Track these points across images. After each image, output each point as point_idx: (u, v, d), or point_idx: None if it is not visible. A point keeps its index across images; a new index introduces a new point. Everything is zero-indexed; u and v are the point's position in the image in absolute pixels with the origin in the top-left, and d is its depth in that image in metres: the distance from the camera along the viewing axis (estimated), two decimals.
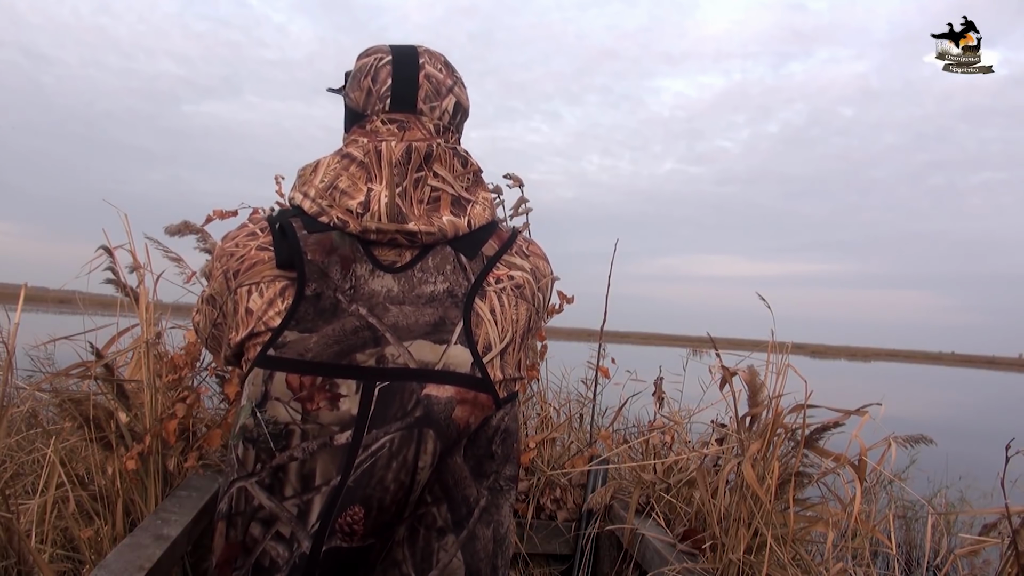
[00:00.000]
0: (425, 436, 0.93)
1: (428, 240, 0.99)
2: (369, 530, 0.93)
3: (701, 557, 1.98)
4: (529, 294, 1.04)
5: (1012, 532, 1.83)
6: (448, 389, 0.95)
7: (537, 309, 1.05)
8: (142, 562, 1.54)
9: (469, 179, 1.05)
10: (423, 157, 1.00)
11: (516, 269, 1.04)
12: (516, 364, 1.02)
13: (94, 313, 2.57)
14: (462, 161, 1.04)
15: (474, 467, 1.00)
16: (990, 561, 2.17)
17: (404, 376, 0.94)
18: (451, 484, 0.98)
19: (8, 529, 1.75)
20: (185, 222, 2.46)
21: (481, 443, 1.00)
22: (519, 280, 1.03)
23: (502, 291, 1.01)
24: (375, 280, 0.98)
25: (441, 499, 0.97)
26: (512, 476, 1.05)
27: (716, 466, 2.25)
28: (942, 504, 4.03)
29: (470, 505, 0.99)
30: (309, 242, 0.99)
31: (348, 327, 0.95)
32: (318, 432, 0.94)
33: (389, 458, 0.92)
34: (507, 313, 1.00)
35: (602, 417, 3.05)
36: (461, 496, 0.98)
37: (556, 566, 2.49)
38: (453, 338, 0.96)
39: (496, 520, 1.03)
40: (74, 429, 2.19)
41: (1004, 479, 1.77)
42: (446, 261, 0.99)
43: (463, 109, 1.12)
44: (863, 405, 1.99)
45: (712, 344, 2.43)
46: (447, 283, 0.98)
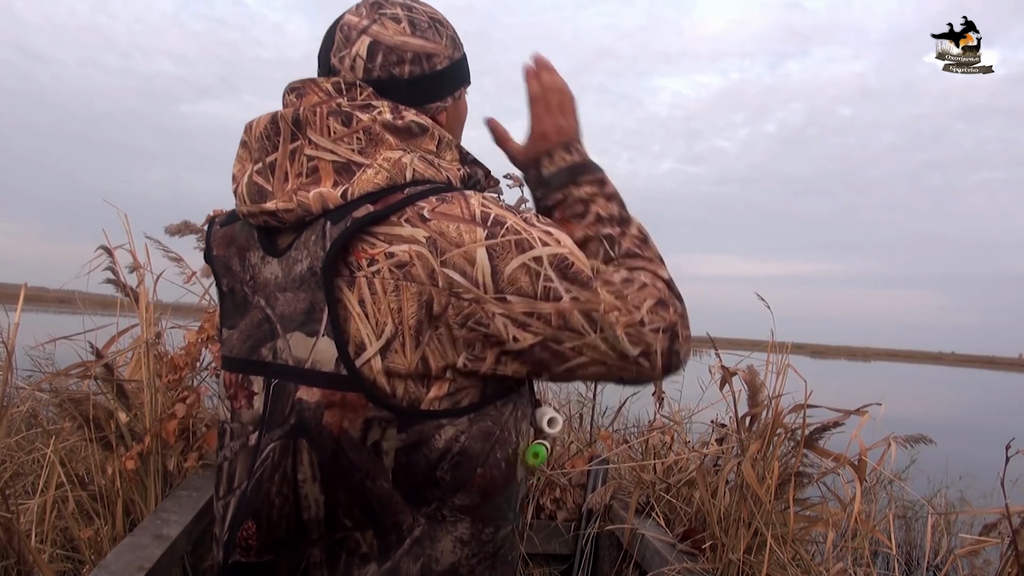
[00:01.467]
0: (300, 447, 0.83)
1: (290, 218, 0.84)
2: (263, 546, 0.87)
3: (701, 557, 1.97)
4: (423, 272, 0.79)
5: (1012, 532, 1.83)
6: (316, 392, 0.82)
7: (451, 289, 0.80)
8: (142, 562, 1.54)
9: (360, 139, 0.85)
10: (292, 124, 0.86)
11: (400, 242, 0.80)
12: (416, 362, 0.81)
13: (94, 313, 2.57)
14: (343, 119, 0.85)
15: (408, 493, 0.85)
16: (990, 561, 2.17)
17: (285, 374, 0.85)
18: (377, 509, 0.85)
19: (8, 529, 1.74)
20: (185, 222, 2.46)
21: (419, 467, 0.84)
22: (402, 257, 0.79)
23: (375, 274, 0.80)
24: (266, 267, 0.89)
25: (365, 524, 0.85)
26: (465, 507, 0.88)
27: (716, 466, 2.25)
28: (942, 504, 4.04)
29: (401, 533, 0.86)
30: (217, 237, 0.97)
31: (255, 320, 0.90)
32: (240, 431, 0.90)
33: (272, 470, 0.85)
34: (381, 303, 0.80)
35: (602, 417, 3.05)
36: (391, 522, 0.85)
37: (556, 566, 2.49)
38: (321, 328, 0.82)
39: (429, 555, 0.87)
40: (74, 429, 2.19)
41: (1004, 479, 1.77)
42: (313, 232, 0.83)
43: (387, 47, 0.91)
44: (863, 405, 1.99)
45: (712, 344, 2.43)
46: (309, 258, 0.83)
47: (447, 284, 0.80)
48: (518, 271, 0.80)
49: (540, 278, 0.81)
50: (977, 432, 6.86)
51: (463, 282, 0.80)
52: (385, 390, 0.81)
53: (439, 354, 0.82)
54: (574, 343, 0.82)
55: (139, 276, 2.43)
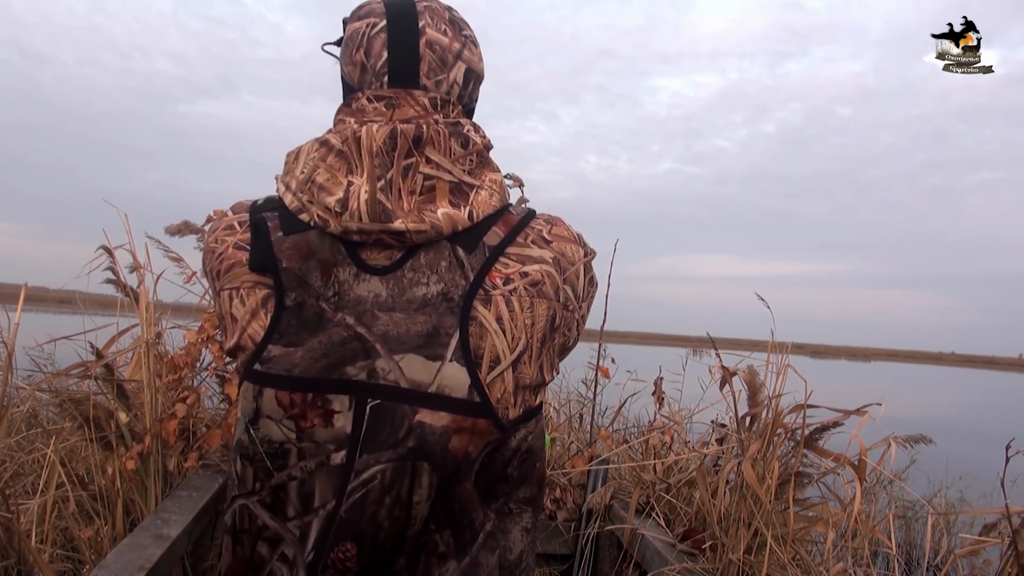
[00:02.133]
0: (420, 470, 0.83)
1: (419, 239, 0.84)
2: (363, 567, 0.86)
3: (701, 557, 1.98)
4: (551, 290, 0.87)
5: (1012, 532, 1.83)
6: (443, 416, 0.83)
7: (566, 304, 0.90)
8: (142, 562, 1.54)
9: (472, 161, 0.87)
10: (412, 141, 0.85)
11: (532, 262, 0.86)
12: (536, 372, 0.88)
13: (94, 313, 2.57)
14: (461, 141, 0.87)
15: (484, 490, 0.90)
16: (990, 561, 2.17)
17: (395, 396, 0.84)
18: (457, 510, 0.88)
19: (8, 529, 1.74)
20: (185, 222, 2.46)
21: (496, 467, 0.89)
22: (536, 276, 0.86)
23: (512, 293, 0.84)
24: (361, 284, 0.86)
25: (445, 525, 0.88)
26: (527, 498, 0.94)
27: (716, 466, 2.25)
28: (942, 504, 4.04)
29: (475, 530, 0.89)
30: (284, 247, 0.88)
31: (335, 338, 0.85)
32: (315, 451, 0.86)
33: (382, 492, 0.84)
34: (518, 319, 0.85)
35: (602, 417, 3.05)
36: (466, 521, 0.88)
37: (556, 566, 2.49)
38: (448, 353, 0.83)
39: (503, 546, 0.92)
40: (74, 429, 2.19)
41: (1004, 479, 1.77)
42: (441, 257, 0.84)
43: (476, 75, 0.95)
44: (863, 405, 1.99)
45: (712, 344, 2.43)
46: (441, 283, 0.84)
47: (565, 299, 0.91)
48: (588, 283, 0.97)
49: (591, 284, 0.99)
50: (977, 432, 6.86)
51: (572, 296, 0.93)
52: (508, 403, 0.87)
53: (549, 363, 0.91)
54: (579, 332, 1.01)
55: (139, 276, 2.44)
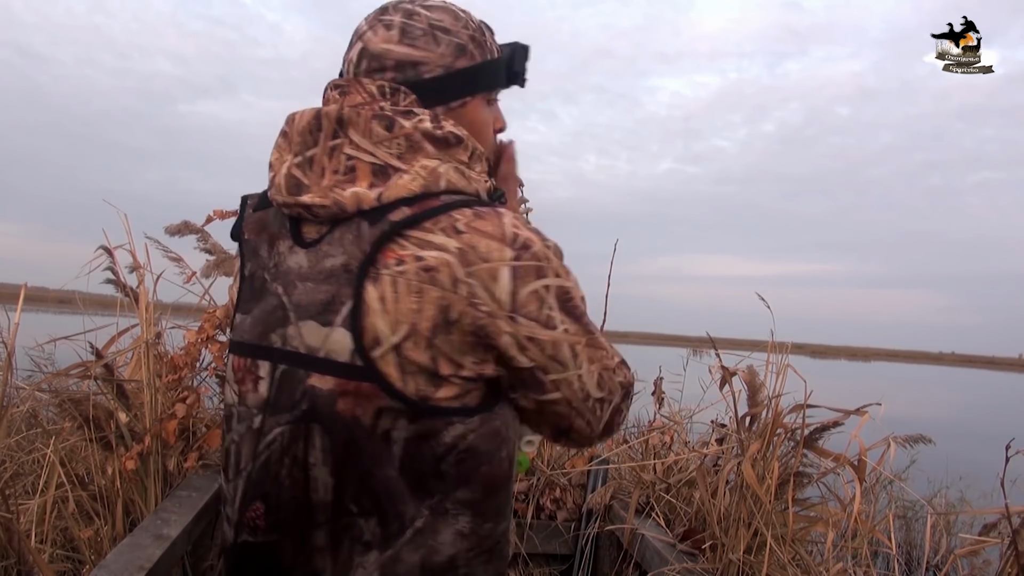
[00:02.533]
0: (312, 432, 0.87)
1: (324, 214, 0.87)
2: (270, 526, 0.90)
3: (701, 557, 1.98)
4: (447, 279, 0.82)
5: (1012, 532, 1.83)
6: (329, 380, 0.85)
7: (471, 300, 0.82)
8: (142, 562, 1.54)
9: (400, 145, 0.87)
10: (335, 122, 0.88)
11: (431, 248, 0.82)
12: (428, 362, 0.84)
13: (94, 313, 2.57)
14: (386, 124, 0.88)
15: (414, 483, 0.87)
16: (990, 561, 2.17)
17: (295, 361, 0.88)
18: (383, 497, 0.87)
19: (8, 529, 1.74)
20: (185, 222, 2.46)
21: (425, 460, 0.87)
22: (431, 262, 0.82)
23: (400, 275, 0.82)
24: (292, 256, 0.90)
25: (370, 511, 0.87)
26: (468, 501, 0.90)
27: (716, 466, 2.25)
28: (942, 504, 4.03)
29: (403, 523, 0.88)
30: (250, 222, 0.98)
31: (268, 306, 0.91)
32: (245, 414, 0.93)
33: (281, 453, 0.89)
34: (402, 301, 0.82)
35: None
36: (395, 512, 0.87)
37: (556, 566, 2.49)
38: (338, 319, 0.84)
39: (430, 546, 0.88)
40: (74, 429, 2.19)
41: (1004, 479, 1.77)
42: (349, 231, 0.86)
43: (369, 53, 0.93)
44: (863, 405, 1.99)
45: (712, 344, 2.43)
46: (344, 255, 0.85)
47: (468, 294, 0.83)
48: (531, 296, 0.85)
49: (544, 305, 0.86)
50: (977, 432, 6.86)
51: (483, 295, 0.83)
52: (397, 384, 0.84)
53: (447, 358, 0.85)
54: (556, 376, 0.89)
55: (139, 276, 2.44)
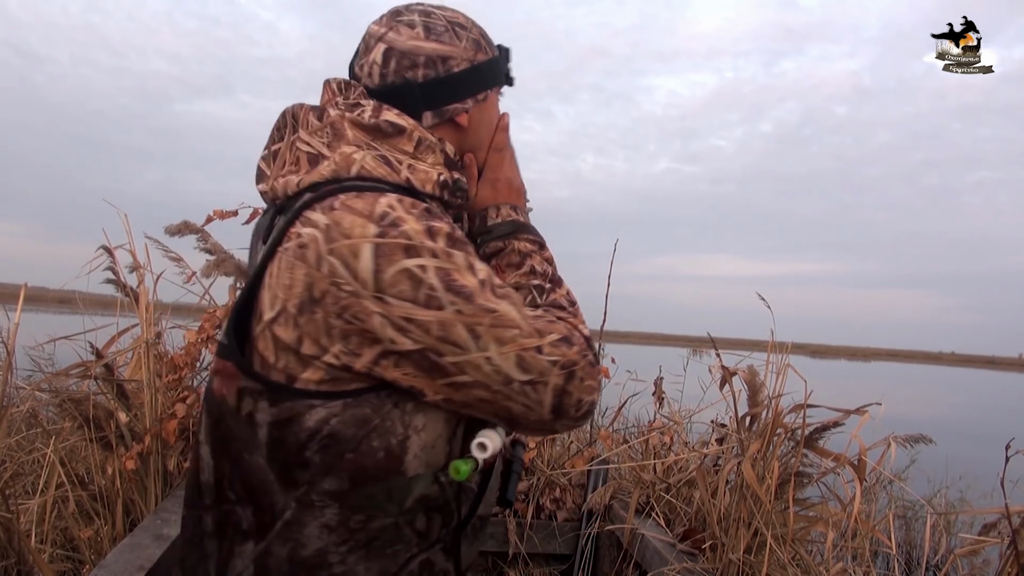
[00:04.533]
0: (203, 409, 0.94)
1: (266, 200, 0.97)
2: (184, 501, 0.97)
3: (701, 557, 1.98)
4: (312, 257, 0.82)
5: (1012, 532, 1.83)
6: (215, 361, 0.92)
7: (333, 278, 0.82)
8: (142, 562, 1.54)
9: (328, 134, 0.92)
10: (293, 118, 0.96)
11: (309, 225, 0.84)
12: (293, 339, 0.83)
13: (94, 313, 2.57)
14: (318, 115, 0.93)
15: (280, 472, 0.86)
16: (990, 561, 2.17)
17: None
18: (255, 485, 0.87)
19: (8, 529, 1.75)
20: (185, 222, 2.46)
21: (289, 445, 0.85)
22: (304, 239, 0.84)
23: (284, 252, 0.85)
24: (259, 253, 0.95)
25: (246, 500, 0.88)
26: (333, 492, 0.86)
27: (716, 466, 2.25)
28: (942, 504, 4.03)
29: (274, 515, 0.87)
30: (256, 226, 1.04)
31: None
32: None
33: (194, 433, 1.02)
34: (280, 278, 0.84)
35: (602, 417, 3.06)
36: (267, 502, 0.87)
37: (556, 566, 2.49)
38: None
39: (297, 539, 0.87)
40: (74, 429, 2.19)
41: (1004, 479, 1.77)
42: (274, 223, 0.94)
43: (399, 52, 0.96)
44: (863, 405, 1.99)
45: (712, 344, 2.43)
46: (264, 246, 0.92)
47: (329, 272, 0.82)
48: (400, 274, 0.81)
49: (423, 286, 0.81)
50: (977, 432, 6.86)
51: (344, 273, 0.81)
52: (268, 360, 0.85)
53: (312, 339, 0.83)
54: (456, 358, 0.82)
55: (139, 276, 2.44)
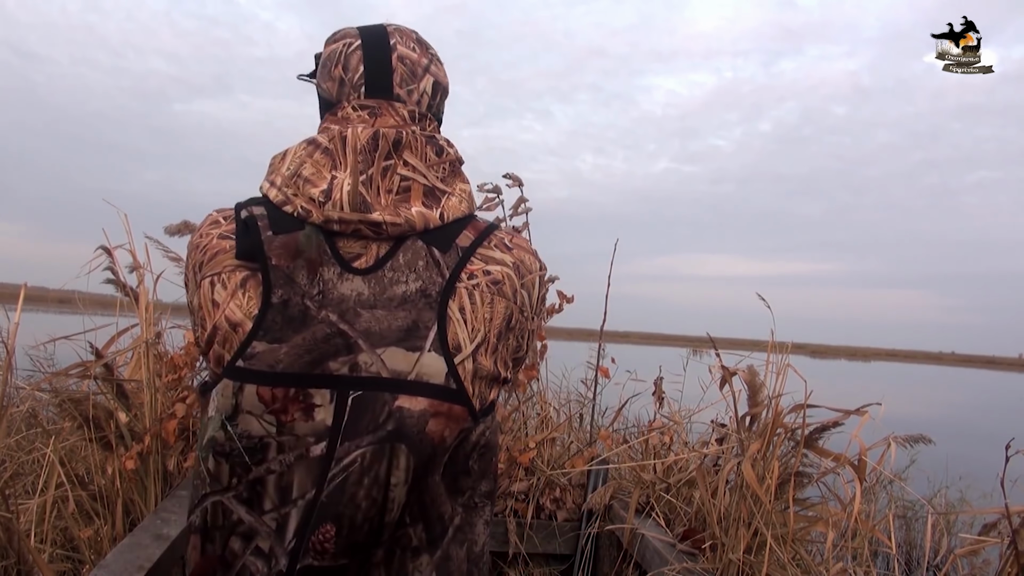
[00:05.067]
0: (397, 451, 0.88)
1: (394, 232, 0.91)
2: (341, 549, 0.89)
3: (701, 557, 1.98)
4: (509, 291, 0.95)
5: (1012, 532, 1.83)
6: (421, 401, 0.88)
7: (521, 308, 0.97)
8: (142, 562, 1.54)
9: (445, 169, 0.97)
10: (392, 144, 0.94)
11: (494, 263, 0.95)
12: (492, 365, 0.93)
13: (94, 313, 2.57)
14: (437, 150, 0.97)
15: (450, 484, 0.94)
16: (990, 561, 2.17)
17: (377, 386, 0.88)
18: (428, 503, 0.92)
19: (8, 529, 1.74)
20: (185, 222, 2.46)
21: (459, 459, 0.94)
22: (497, 275, 0.94)
23: (475, 287, 0.92)
24: (344, 284, 0.91)
25: (417, 519, 0.92)
26: (487, 492, 1.00)
27: (716, 466, 2.25)
28: (942, 504, 4.03)
29: (444, 524, 0.94)
30: (274, 245, 0.92)
31: (319, 335, 0.89)
32: (294, 444, 0.89)
33: (361, 474, 0.88)
34: (479, 311, 0.92)
35: (602, 417, 3.05)
36: (436, 514, 0.93)
37: (556, 566, 2.49)
38: (427, 344, 0.89)
39: (470, 539, 0.97)
40: (74, 429, 2.19)
41: (1004, 479, 1.77)
42: (418, 257, 0.92)
43: (443, 88, 1.05)
44: (863, 405, 1.99)
45: (712, 344, 2.43)
46: (420, 281, 0.91)
47: (521, 303, 0.97)
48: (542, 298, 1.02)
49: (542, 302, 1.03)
50: (977, 432, 6.86)
51: (527, 303, 0.99)
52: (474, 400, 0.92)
53: (503, 361, 0.96)
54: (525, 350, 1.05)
55: (139, 276, 2.44)
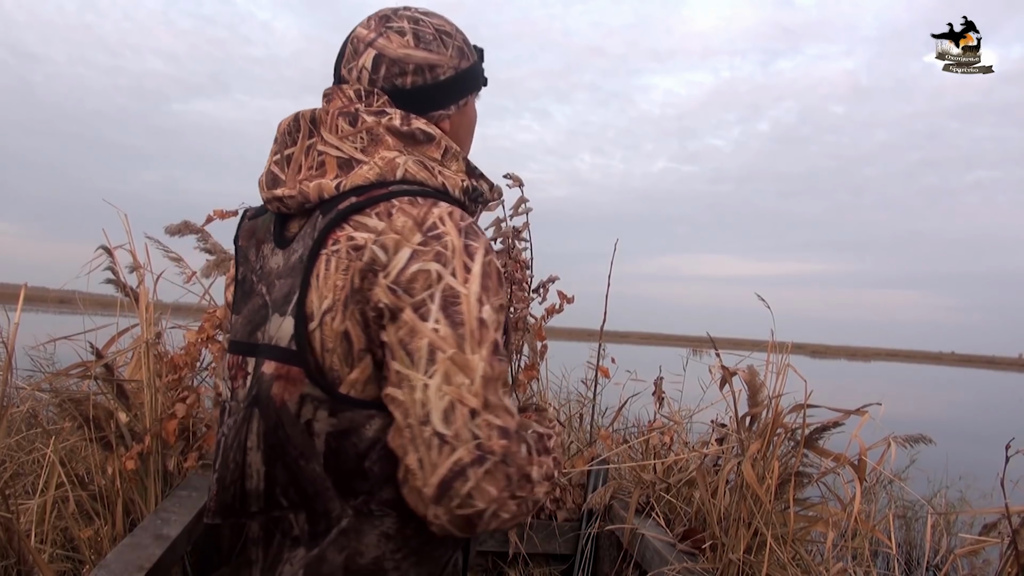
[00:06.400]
0: (252, 415, 0.90)
1: (293, 204, 0.93)
2: (216, 509, 0.95)
3: (701, 557, 1.98)
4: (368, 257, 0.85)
5: (1012, 532, 1.83)
6: (271, 365, 0.89)
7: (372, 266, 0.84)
8: (142, 562, 1.54)
9: (363, 139, 0.93)
10: (310, 123, 0.96)
11: (364, 230, 0.86)
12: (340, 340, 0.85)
13: (94, 313, 2.57)
14: (350, 120, 0.94)
15: (338, 481, 0.87)
16: (990, 561, 2.17)
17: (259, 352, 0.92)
18: (310, 493, 0.88)
19: (8, 529, 1.75)
20: (185, 222, 2.46)
21: (348, 456, 0.86)
22: (359, 242, 0.85)
23: (335, 253, 0.86)
24: (273, 257, 0.96)
25: (299, 506, 0.89)
26: (390, 502, 0.87)
27: (716, 466, 2.25)
28: (942, 504, 4.03)
29: (329, 522, 0.88)
30: (244, 229, 1.04)
31: (255, 306, 0.96)
32: (236, 409, 0.96)
33: (233, 437, 0.93)
34: (331, 278, 0.86)
35: (602, 417, 3.05)
36: (322, 509, 0.88)
37: (556, 566, 2.49)
38: (290, 309, 0.88)
39: (354, 548, 0.88)
40: (74, 429, 2.19)
41: (1004, 479, 1.77)
42: (310, 226, 0.91)
43: (388, 59, 0.97)
44: (863, 405, 1.99)
45: (712, 344, 2.43)
46: (302, 248, 0.90)
47: (370, 259, 0.84)
48: (418, 274, 0.83)
49: (427, 292, 0.82)
50: (977, 432, 6.86)
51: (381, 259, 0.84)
52: (322, 365, 0.86)
53: (357, 332, 0.85)
54: (400, 367, 0.81)
55: (139, 276, 2.44)
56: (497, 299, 0.86)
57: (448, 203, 0.90)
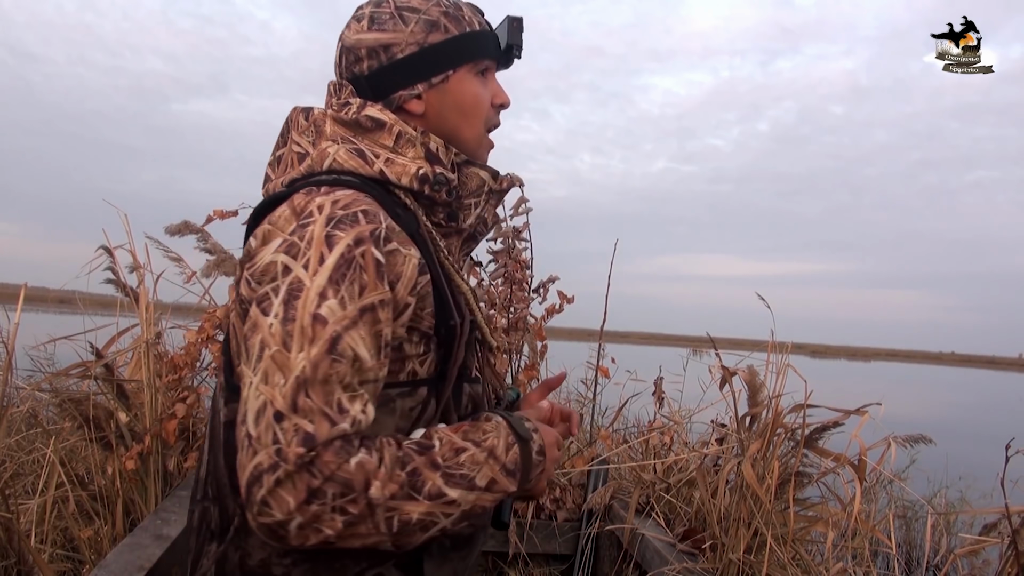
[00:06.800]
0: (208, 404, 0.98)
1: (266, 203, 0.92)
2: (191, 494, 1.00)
3: (701, 557, 1.98)
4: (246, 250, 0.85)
5: (1012, 532, 1.83)
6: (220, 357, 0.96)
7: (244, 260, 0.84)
8: (142, 562, 1.54)
9: (311, 132, 0.92)
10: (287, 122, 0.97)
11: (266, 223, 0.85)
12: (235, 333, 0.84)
13: (94, 313, 2.57)
14: (305, 115, 0.94)
15: (231, 476, 0.84)
16: (990, 561, 2.17)
17: None
18: (220, 486, 0.87)
19: (8, 529, 1.75)
20: (185, 222, 2.46)
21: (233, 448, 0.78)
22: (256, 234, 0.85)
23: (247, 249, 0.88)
24: None
25: (215, 500, 0.88)
26: None
27: (716, 466, 2.25)
28: (942, 504, 4.03)
29: (229, 518, 0.86)
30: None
31: None
32: None
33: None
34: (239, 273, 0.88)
35: (602, 417, 3.06)
36: (225, 505, 0.87)
37: (556, 566, 2.49)
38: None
39: (244, 548, 0.84)
40: (74, 429, 2.19)
41: (1004, 479, 1.77)
42: None
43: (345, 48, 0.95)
44: (863, 405, 1.99)
45: (712, 344, 2.43)
46: None
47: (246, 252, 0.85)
48: (269, 266, 0.79)
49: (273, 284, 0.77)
50: (977, 432, 6.86)
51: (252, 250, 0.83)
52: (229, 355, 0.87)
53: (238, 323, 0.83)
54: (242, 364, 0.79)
55: (139, 276, 2.44)
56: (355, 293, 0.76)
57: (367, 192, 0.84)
